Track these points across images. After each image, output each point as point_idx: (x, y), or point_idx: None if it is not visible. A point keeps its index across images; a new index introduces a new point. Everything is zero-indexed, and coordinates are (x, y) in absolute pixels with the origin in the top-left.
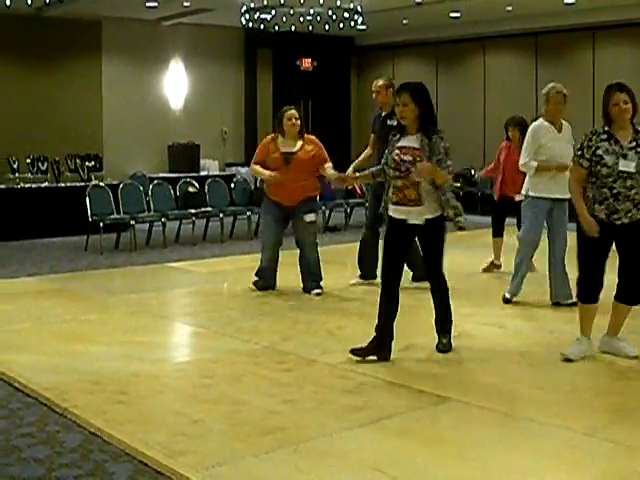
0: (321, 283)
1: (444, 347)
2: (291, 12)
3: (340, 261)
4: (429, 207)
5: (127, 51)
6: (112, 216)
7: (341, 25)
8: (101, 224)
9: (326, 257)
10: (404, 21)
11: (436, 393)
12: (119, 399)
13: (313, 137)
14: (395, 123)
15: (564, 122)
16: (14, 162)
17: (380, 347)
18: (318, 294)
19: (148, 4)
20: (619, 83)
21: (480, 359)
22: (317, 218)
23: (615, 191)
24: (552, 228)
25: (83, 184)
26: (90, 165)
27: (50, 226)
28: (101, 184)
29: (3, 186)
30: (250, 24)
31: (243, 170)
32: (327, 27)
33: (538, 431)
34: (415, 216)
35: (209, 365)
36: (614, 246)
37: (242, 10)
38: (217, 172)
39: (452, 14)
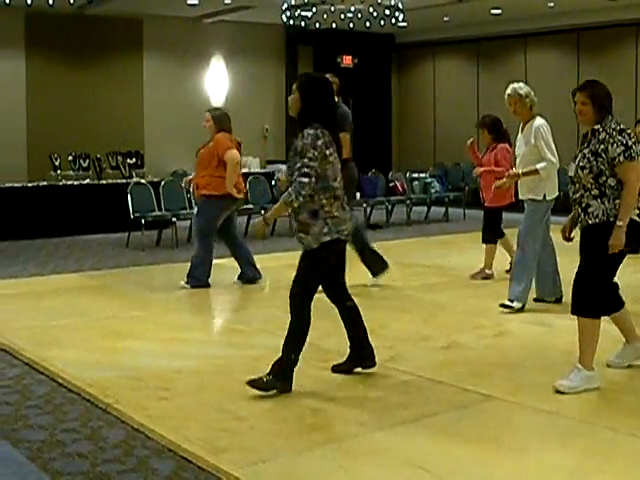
0: (184, 282)
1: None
2: (332, 9)
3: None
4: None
5: (168, 49)
6: (153, 213)
7: (382, 22)
8: (142, 221)
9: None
10: (445, 18)
11: (480, 391)
12: (161, 395)
13: (220, 136)
14: None
15: (531, 122)
16: (56, 159)
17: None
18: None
19: (189, 2)
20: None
21: (525, 358)
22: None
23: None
24: (547, 229)
25: (124, 181)
26: (131, 162)
27: (92, 223)
28: (142, 181)
29: (45, 183)
30: (291, 21)
31: (284, 167)
32: (368, 24)
33: (583, 431)
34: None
35: (251, 362)
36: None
37: (283, 7)
38: (258, 169)
39: (493, 11)
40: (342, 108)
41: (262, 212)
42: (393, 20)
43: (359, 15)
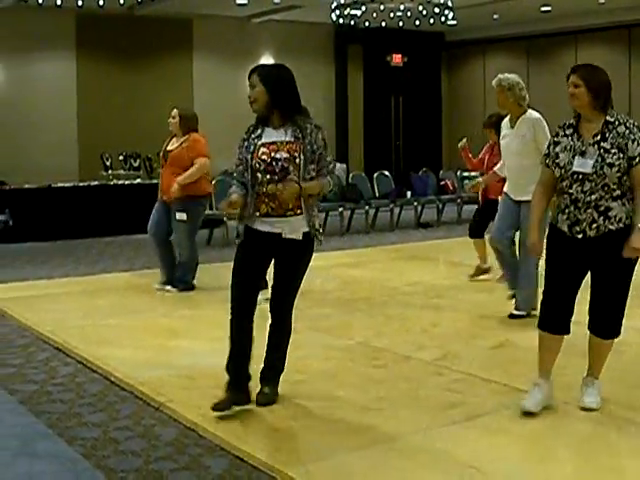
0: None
1: (265, 399)
2: (381, 8)
3: (432, 257)
4: (308, 217)
5: (218, 48)
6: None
7: (431, 20)
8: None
9: (418, 253)
10: (495, 16)
11: None
12: (214, 394)
13: (199, 137)
14: None
15: (524, 116)
16: (107, 159)
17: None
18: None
19: (238, 1)
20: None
21: (578, 356)
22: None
23: (573, 197)
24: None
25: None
26: None
27: (143, 222)
28: None
29: (96, 183)
30: (340, 20)
31: (335, 166)
32: (417, 22)
33: (635, 432)
34: (291, 229)
35: (302, 361)
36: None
37: (332, 6)
38: None
39: (543, 8)
40: None
41: None
42: (443, 18)
43: (409, 13)
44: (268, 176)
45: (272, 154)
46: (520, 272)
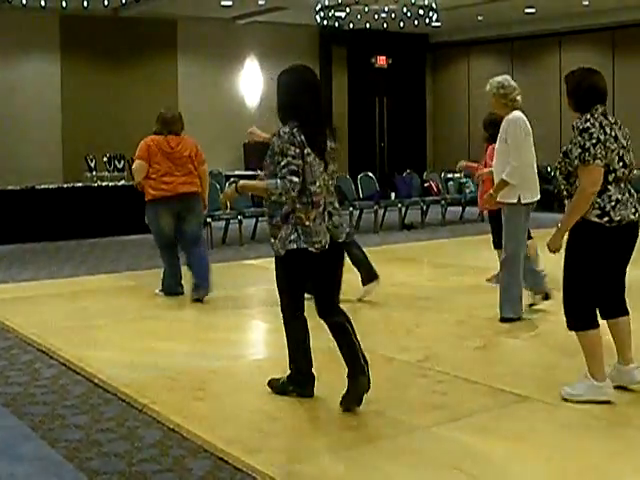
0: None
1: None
2: (366, 9)
3: (417, 258)
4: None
5: (202, 50)
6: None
7: (416, 22)
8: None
9: (402, 255)
10: (479, 17)
11: (516, 392)
12: (198, 396)
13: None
14: None
15: (506, 117)
16: (91, 160)
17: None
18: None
19: (223, 3)
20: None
21: (560, 358)
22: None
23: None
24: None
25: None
26: None
27: (126, 224)
28: None
29: (80, 184)
30: (325, 22)
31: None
32: (402, 24)
33: (618, 432)
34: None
35: (286, 363)
36: None
37: (317, 8)
38: None
39: (527, 10)
40: None
41: None
42: (427, 20)
43: (393, 15)
44: None
45: None
46: (505, 276)
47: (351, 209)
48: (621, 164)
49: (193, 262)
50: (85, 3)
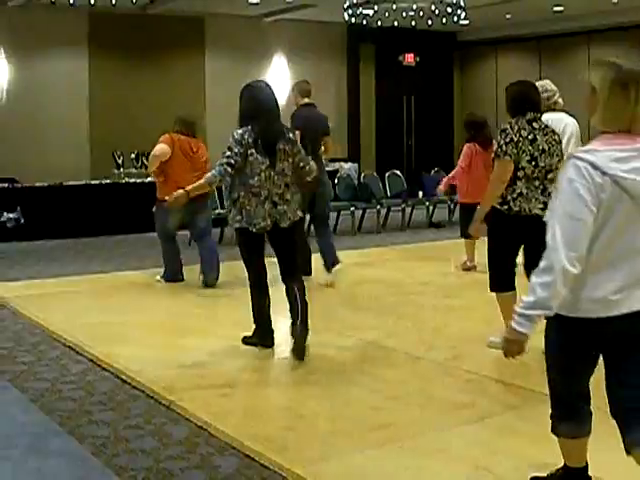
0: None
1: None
2: (394, 7)
3: (444, 257)
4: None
5: (230, 47)
6: (216, 211)
7: (444, 20)
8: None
9: (429, 253)
10: (507, 15)
11: (545, 392)
12: (225, 393)
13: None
14: None
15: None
16: (119, 157)
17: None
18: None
19: (251, 0)
20: None
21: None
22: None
23: None
24: None
25: None
26: None
27: (154, 221)
28: None
29: (108, 181)
30: (353, 19)
31: (346, 166)
32: (430, 22)
33: None
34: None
35: (313, 360)
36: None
37: (345, 6)
38: None
39: (556, 8)
40: (315, 111)
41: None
42: (455, 18)
43: (421, 13)
44: None
45: None
46: None
47: (378, 207)
48: (533, 164)
49: (203, 252)
50: (113, 1)
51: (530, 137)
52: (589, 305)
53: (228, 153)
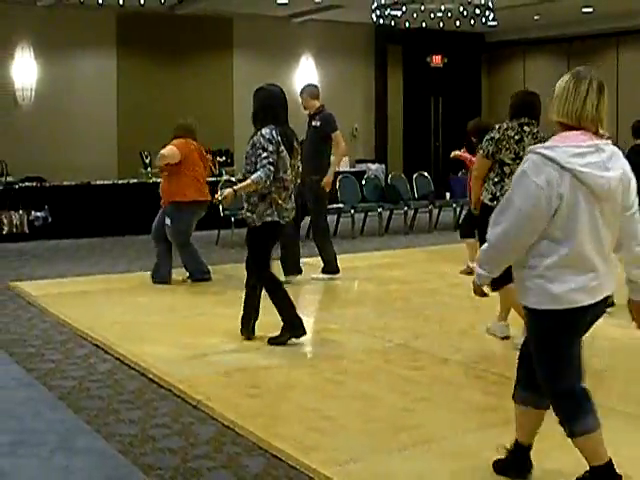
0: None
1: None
2: (422, 8)
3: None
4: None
5: (258, 48)
6: (244, 212)
7: (472, 21)
8: (232, 219)
9: (457, 255)
10: (535, 17)
11: None
12: (251, 393)
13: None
14: (318, 124)
15: None
16: (147, 157)
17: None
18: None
19: (279, 1)
20: None
21: (614, 361)
22: (172, 223)
23: None
24: None
25: (214, 179)
26: (221, 160)
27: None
28: (232, 179)
29: (135, 180)
30: (380, 21)
31: (373, 167)
32: (458, 23)
33: None
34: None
35: (341, 361)
36: None
37: (373, 7)
38: (348, 168)
39: (584, 9)
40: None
41: (351, 211)
42: (483, 19)
43: (449, 14)
44: None
45: None
46: None
47: (405, 208)
48: (517, 162)
49: (194, 251)
50: (142, 1)
51: (517, 137)
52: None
53: (265, 154)
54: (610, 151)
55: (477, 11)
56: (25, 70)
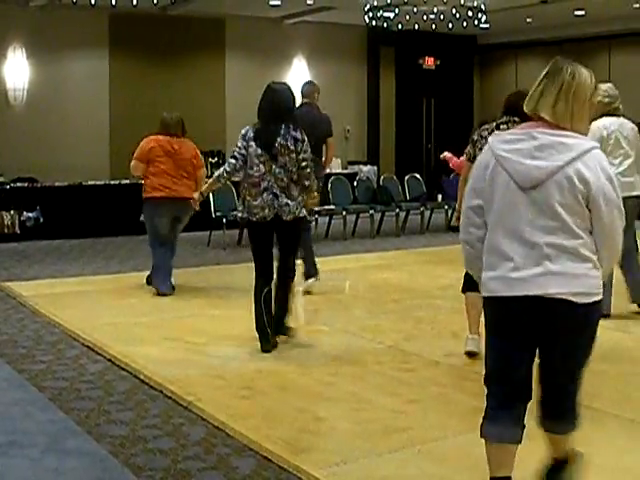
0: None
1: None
2: (414, 10)
3: (462, 260)
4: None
5: (250, 49)
6: (235, 212)
7: (464, 23)
8: (224, 220)
9: (449, 257)
10: (528, 20)
11: None
12: (243, 394)
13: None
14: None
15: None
16: None
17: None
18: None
19: (271, 2)
20: None
21: (605, 363)
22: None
23: None
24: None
25: (206, 180)
26: (213, 161)
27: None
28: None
29: (127, 181)
30: (373, 22)
31: (365, 168)
32: (450, 25)
33: None
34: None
35: (332, 363)
36: None
37: (365, 8)
38: (339, 170)
39: (576, 12)
40: (313, 112)
41: (343, 213)
42: (475, 22)
43: (441, 16)
44: None
45: None
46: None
47: (397, 210)
48: None
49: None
50: (134, 1)
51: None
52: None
53: (233, 148)
54: (547, 140)
55: (469, 13)
56: (17, 70)
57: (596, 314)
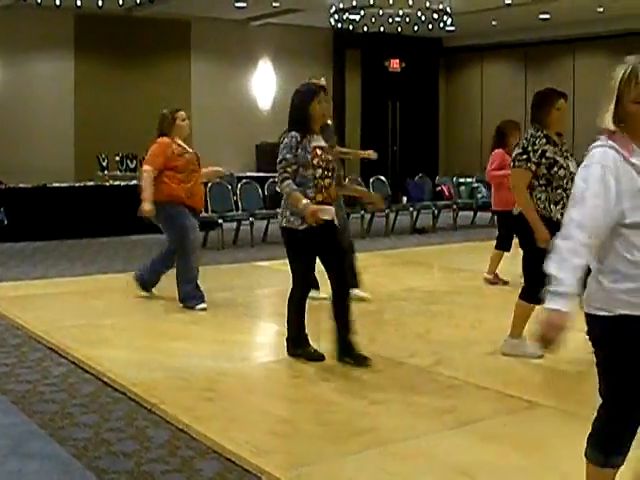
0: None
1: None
2: (380, 13)
3: (428, 263)
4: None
5: (216, 51)
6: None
7: (430, 26)
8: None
9: (413, 259)
10: (493, 22)
11: (526, 398)
12: (207, 396)
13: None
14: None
15: None
16: (104, 160)
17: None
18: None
19: (237, 4)
20: (562, 91)
21: (572, 365)
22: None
23: (568, 192)
24: None
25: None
26: None
27: (139, 224)
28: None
29: (92, 183)
30: (339, 25)
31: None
32: (416, 28)
33: None
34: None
35: (297, 365)
36: None
37: (331, 11)
38: None
39: (542, 15)
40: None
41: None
42: (441, 24)
43: (407, 19)
44: (325, 172)
45: (324, 156)
46: None
47: (362, 212)
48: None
49: (166, 262)
50: (100, 2)
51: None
52: None
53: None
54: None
55: (435, 16)
56: None
57: None
